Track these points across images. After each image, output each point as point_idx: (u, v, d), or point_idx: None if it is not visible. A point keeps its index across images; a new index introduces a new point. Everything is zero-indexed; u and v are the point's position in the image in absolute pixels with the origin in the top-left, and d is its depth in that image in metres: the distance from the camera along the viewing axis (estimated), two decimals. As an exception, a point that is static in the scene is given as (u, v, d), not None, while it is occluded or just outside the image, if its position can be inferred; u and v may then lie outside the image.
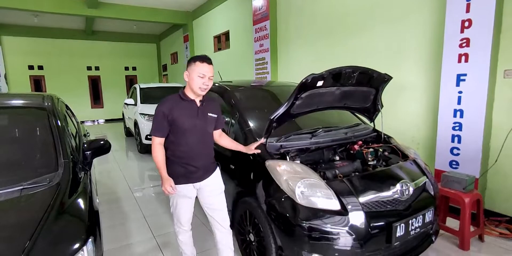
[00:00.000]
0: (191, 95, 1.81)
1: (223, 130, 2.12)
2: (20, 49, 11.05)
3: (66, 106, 2.94)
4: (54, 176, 1.62)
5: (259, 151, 2.04)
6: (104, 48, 12.49)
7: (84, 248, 1.22)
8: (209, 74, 1.74)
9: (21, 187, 1.49)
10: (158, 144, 1.80)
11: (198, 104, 1.83)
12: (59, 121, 2.09)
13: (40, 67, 11.56)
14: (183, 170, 1.83)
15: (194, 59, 1.75)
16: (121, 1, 8.15)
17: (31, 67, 11.42)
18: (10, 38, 10.79)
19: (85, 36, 11.87)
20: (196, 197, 1.98)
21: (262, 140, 2.06)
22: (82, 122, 4.32)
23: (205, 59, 1.74)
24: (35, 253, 1.13)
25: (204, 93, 1.79)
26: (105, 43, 12.47)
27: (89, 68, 12.44)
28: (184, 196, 1.89)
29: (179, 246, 2.09)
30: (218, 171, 2.01)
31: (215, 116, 1.91)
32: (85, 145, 2.13)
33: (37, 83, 11.64)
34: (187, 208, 1.93)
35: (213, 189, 1.94)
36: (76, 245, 1.21)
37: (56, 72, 11.76)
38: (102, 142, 2.16)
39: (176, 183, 1.80)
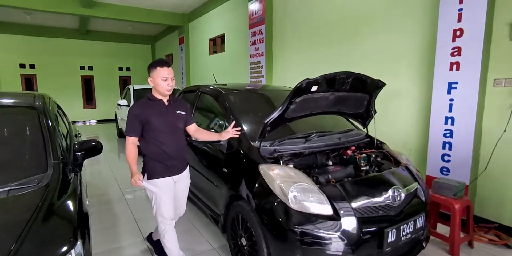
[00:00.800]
0: (158, 96, 2.00)
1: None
2: (12, 47, 10.87)
3: (58, 106, 2.90)
4: (43, 177, 1.58)
5: (236, 135, 2.13)
6: (98, 48, 12.38)
7: (72, 251, 1.19)
8: (170, 76, 1.93)
9: (9, 188, 1.45)
10: (131, 143, 1.96)
11: (166, 103, 2.02)
12: (49, 121, 2.05)
13: (32, 66, 11.38)
14: (163, 165, 1.98)
15: (154, 65, 1.93)
16: (117, 1, 8.11)
17: (22, 66, 11.24)
18: (1, 35, 10.62)
19: (79, 35, 11.75)
20: None
21: (237, 128, 2.16)
22: (74, 122, 4.25)
23: (164, 63, 1.93)
24: (21, 255, 1.10)
25: (170, 93, 1.99)
26: (99, 43, 12.36)
27: (82, 68, 12.31)
28: (166, 188, 2.01)
29: (165, 247, 2.09)
30: (188, 166, 2.21)
31: (183, 113, 2.09)
32: (76, 146, 2.09)
33: (29, 82, 11.45)
34: (170, 201, 2.04)
35: (186, 181, 2.16)
36: (64, 248, 1.18)
37: (48, 71, 11.59)
38: (93, 143, 2.13)
39: (158, 177, 1.97)
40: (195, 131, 2.19)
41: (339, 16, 4.30)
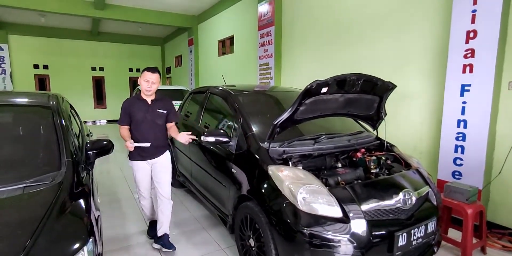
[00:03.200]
0: (143, 96, 2.40)
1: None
2: (27, 48, 11.15)
3: (70, 105, 2.95)
4: (57, 175, 1.62)
5: (190, 141, 2.41)
6: (109, 49, 12.59)
7: (85, 248, 1.21)
8: (151, 80, 2.30)
9: (24, 185, 1.48)
10: (122, 127, 2.40)
11: (150, 102, 2.40)
12: (63, 120, 2.10)
13: (45, 67, 11.64)
14: (140, 150, 2.39)
15: (145, 69, 2.34)
16: (128, 3, 8.25)
17: (36, 66, 11.50)
18: (17, 37, 10.90)
19: (91, 37, 11.97)
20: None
21: (192, 136, 2.42)
22: (85, 122, 4.33)
23: (151, 70, 2.32)
24: (35, 251, 1.12)
25: (149, 93, 2.35)
26: (110, 44, 12.57)
27: (93, 69, 12.52)
28: (139, 169, 2.47)
29: (141, 210, 2.73)
30: (167, 153, 2.55)
31: (164, 112, 2.44)
32: (88, 145, 2.13)
33: (42, 82, 11.71)
34: (143, 178, 2.50)
35: (162, 166, 2.50)
36: (77, 245, 1.21)
37: (61, 72, 11.84)
38: (105, 142, 2.17)
39: (134, 159, 2.44)
40: (169, 128, 2.53)
41: (348, 18, 4.28)
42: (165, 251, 2.47)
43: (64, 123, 2.06)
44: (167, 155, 2.54)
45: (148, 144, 2.32)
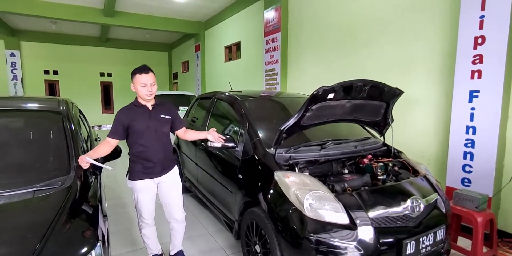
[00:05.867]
0: (142, 102, 2.05)
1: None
2: (38, 54, 11.42)
3: (79, 110, 3.01)
4: (66, 179, 1.64)
5: (220, 140, 2.19)
6: (117, 55, 12.82)
7: (93, 252, 1.23)
8: (149, 82, 1.96)
9: (34, 189, 1.51)
10: (107, 141, 1.98)
11: (150, 108, 2.06)
12: (73, 125, 2.14)
13: (55, 72, 11.90)
14: (142, 167, 2.04)
15: (134, 72, 1.97)
16: (136, 10, 8.41)
17: (46, 72, 11.77)
18: (28, 43, 11.18)
19: (100, 43, 12.22)
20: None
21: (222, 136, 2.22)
22: (93, 126, 4.39)
23: (143, 70, 1.96)
24: (45, 254, 1.14)
25: (150, 98, 2.01)
26: (119, 50, 12.81)
27: (101, 74, 12.75)
28: (143, 190, 2.07)
29: (143, 241, 2.24)
30: (176, 168, 2.22)
31: (168, 117, 2.11)
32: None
33: (51, 88, 11.96)
34: (148, 202, 2.11)
35: (170, 184, 2.16)
36: (85, 249, 1.22)
37: (70, 77, 12.09)
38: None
39: (137, 179, 2.05)
40: (184, 133, 2.24)
41: (354, 23, 4.30)
42: None
43: (73, 128, 2.10)
44: (176, 171, 2.21)
45: (109, 168, 1.92)
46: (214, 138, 2.17)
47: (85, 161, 1.78)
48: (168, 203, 2.18)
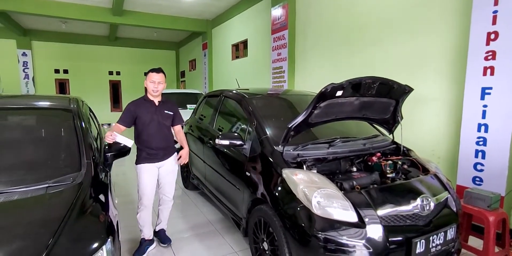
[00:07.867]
0: (150, 97, 2.42)
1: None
2: (48, 54, 11.63)
3: (89, 108, 3.05)
4: (77, 175, 1.67)
5: (184, 161, 2.53)
6: (125, 54, 12.96)
7: (104, 247, 1.25)
8: (157, 80, 2.33)
9: (47, 185, 1.54)
10: (116, 125, 2.36)
11: (157, 103, 2.43)
12: (83, 123, 2.17)
13: (65, 71, 12.10)
14: (146, 153, 2.41)
15: (149, 70, 2.37)
16: (144, 9, 8.48)
17: (57, 71, 11.97)
18: (39, 43, 11.39)
19: (108, 42, 12.37)
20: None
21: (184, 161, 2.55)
22: (102, 124, 4.45)
23: (156, 70, 2.36)
24: (57, 249, 1.16)
25: (156, 94, 2.37)
26: (127, 49, 12.95)
27: (110, 73, 12.91)
28: (147, 172, 2.42)
29: (138, 224, 2.51)
30: (175, 155, 2.57)
31: (171, 113, 2.49)
32: (107, 147, 2.19)
33: (62, 86, 12.17)
34: (149, 181, 2.43)
35: (169, 169, 2.53)
36: (96, 244, 1.24)
37: (80, 76, 12.28)
38: (122, 145, 2.22)
39: (142, 163, 2.41)
40: (178, 132, 2.60)
41: (363, 20, 4.24)
42: (162, 246, 2.61)
43: (84, 126, 2.13)
44: (175, 157, 2.57)
45: (131, 141, 2.21)
46: (177, 161, 2.55)
47: (114, 135, 2.11)
48: (164, 183, 2.56)
